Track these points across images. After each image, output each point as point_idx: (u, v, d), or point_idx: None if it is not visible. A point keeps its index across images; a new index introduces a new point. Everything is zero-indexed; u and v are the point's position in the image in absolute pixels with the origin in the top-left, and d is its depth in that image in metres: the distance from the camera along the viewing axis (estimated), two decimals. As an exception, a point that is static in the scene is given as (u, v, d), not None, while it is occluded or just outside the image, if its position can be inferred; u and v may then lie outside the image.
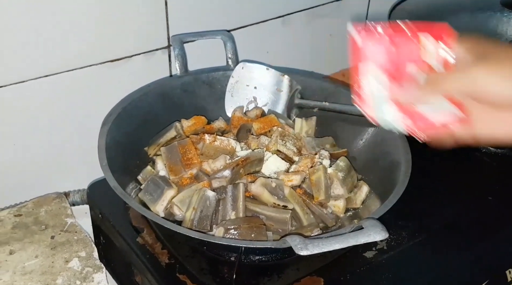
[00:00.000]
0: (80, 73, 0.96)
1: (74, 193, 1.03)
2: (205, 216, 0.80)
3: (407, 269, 0.84)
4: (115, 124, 0.88)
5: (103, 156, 0.82)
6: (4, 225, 0.93)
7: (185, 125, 0.95)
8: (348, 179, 0.87)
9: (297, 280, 0.80)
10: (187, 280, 0.79)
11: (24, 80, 0.91)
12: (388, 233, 0.68)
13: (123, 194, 0.77)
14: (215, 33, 1.05)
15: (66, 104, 0.97)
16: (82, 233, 0.93)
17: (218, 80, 1.04)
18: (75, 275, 0.86)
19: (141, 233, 0.87)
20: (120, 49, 0.99)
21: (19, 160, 0.97)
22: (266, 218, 0.81)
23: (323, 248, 0.66)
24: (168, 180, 0.85)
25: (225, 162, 0.86)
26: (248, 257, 0.81)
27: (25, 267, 0.86)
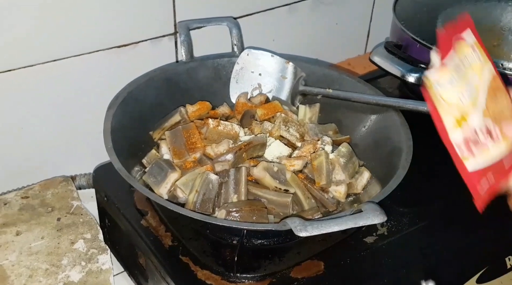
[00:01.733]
0: (87, 58, 0.97)
1: (81, 176, 1.04)
2: (208, 199, 0.81)
3: (407, 254, 0.85)
4: (120, 108, 0.89)
5: (109, 139, 0.83)
6: (11, 206, 0.94)
7: (190, 110, 0.96)
8: (349, 165, 0.88)
9: (298, 264, 0.81)
10: (190, 262, 0.80)
11: (32, 64, 0.92)
12: (387, 217, 0.69)
13: (128, 176, 0.78)
14: (221, 19, 1.06)
15: (73, 88, 0.98)
16: (87, 216, 0.94)
17: (224, 67, 1.04)
18: (80, 256, 0.87)
19: (145, 216, 0.88)
20: (127, 35, 1.00)
21: (27, 144, 0.99)
22: (268, 201, 0.82)
23: (322, 230, 0.67)
24: (172, 163, 0.86)
25: (228, 146, 0.87)
26: (250, 241, 0.82)
27: (31, 247, 0.88)
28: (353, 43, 1.38)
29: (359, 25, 1.36)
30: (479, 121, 0.50)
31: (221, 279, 0.78)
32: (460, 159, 0.50)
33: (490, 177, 0.51)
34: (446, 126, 0.50)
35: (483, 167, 0.50)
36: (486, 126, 0.50)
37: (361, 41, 1.39)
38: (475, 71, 0.51)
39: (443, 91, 0.50)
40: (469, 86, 0.50)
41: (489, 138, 0.50)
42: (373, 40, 1.38)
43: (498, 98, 0.51)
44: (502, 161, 0.51)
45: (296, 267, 0.81)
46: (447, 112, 0.50)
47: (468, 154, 0.50)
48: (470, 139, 0.50)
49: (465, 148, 0.50)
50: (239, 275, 0.78)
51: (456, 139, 0.50)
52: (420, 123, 0.90)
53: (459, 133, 0.50)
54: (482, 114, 0.50)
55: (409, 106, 0.87)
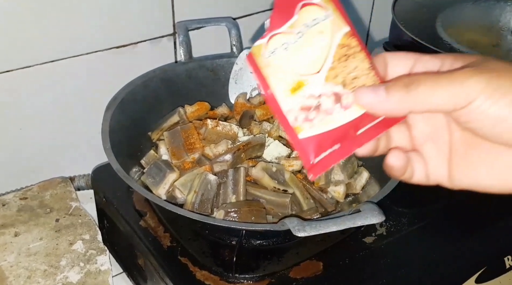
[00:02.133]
0: (86, 59, 0.97)
1: (79, 177, 1.04)
2: (206, 199, 0.81)
3: (406, 254, 0.85)
4: (119, 108, 0.89)
5: (107, 140, 0.83)
6: (9, 207, 0.94)
7: (189, 111, 0.96)
8: (348, 165, 0.88)
9: (296, 264, 0.81)
10: (189, 263, 0.80)
11: (30, 65, 0.92)
12: (385, 217, 0.69)
13: (126, 177, 0.78)
14: (220, 20, 1.05)
15: (72, 89, 0.98)
16: (86, 217, 0.94)
17: (222, 67, 1.04)
18: (79, 257, 0.87)
19: (144, 217, 0.88)
20: (126, 35, 0.99)
21: (25, 145, 0.98)
22: (266, 201, 0.82)
23: (320, 230, 0.66)
24: (170, 164, 0.86)
25: (227, 146, 0.87)
26: (249, 241, 0.82)
27: (30, 248, 0.88)
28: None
29: (358, 26, 1.35)
30: (322, 87, 0.46)
31: (220, 279, 0.78)
32: (290, 126, 0.46)
33: (331, 144, 0.46)
34: (277, 95, 0.46)
35: (320, 133, 0.46)
36: (334, 92, 0.46)
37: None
38: (324, 34, 0.47)
39: (274, 58, 0.46)
40: (311, 51, 0.46)
41: (337, 104, 0.46)
42: (373, 40, 1.38)
43: (352, 62, 0.46)
44: (354, 127, 0.46)
45: (295, 268, 0.80)
46: (279, 80, 0.46)
47: (303, 122, 0.46)
48: (308, 106, 0.46)
49: (301, 116, 0.46)
50: (238, 275, 0.78)
51: (289, 107, 0.46)
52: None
53: (293, 100, 0.46)
54: (326, 79, 0.46)
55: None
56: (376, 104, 0.44)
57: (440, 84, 0.41)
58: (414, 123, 0.49)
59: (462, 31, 1.04)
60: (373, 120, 0.46)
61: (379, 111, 0.45)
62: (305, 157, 0.46)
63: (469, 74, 0.41)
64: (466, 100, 0.41)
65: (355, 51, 0.47)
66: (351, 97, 0.46)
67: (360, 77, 0.46)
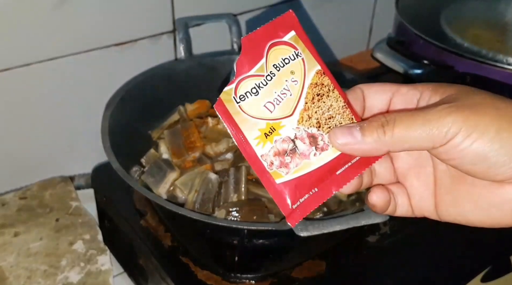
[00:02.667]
0: (85, 56, 0.96)
1: (79, 176, 1.04)
2: (207, 199, 0.80)
3: (410, 253, 0.84)
4: (119, 107, 0.88)
5: (106, 138, 0.82)
6: (9, 207, 0.93)
7: (189, 109, 0.95)
8: (351, 163, 0.87)
9: (299, 264, 0.80)
10: (190, 262, 0.80)
11: (29, 63, 0.91)
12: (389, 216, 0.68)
13: (126, 176, 0.77)
14: (220, 16, 1.04)
15: (71, 87, 0.97)
16: (86, 216, 0.93)
17: (223, 65, 1.03)
18: (79, 257, 0.87)
19: (145, 216, 0.87)
20: (125, 33, 0.98)
21: (25, 143, 0.98)
22: (268, 200, 0.81)
23: (323, 229, 0.66)
24: (171, 163, 0.85)
25: (228, 145, 0.86)
26: (251, 240, 0.81)
27: (30, 249, 0.87)
28: (355, 40, 1.37)
29: (361, 21, 1.35)
30: (296, 129, 0.45)
31: (221, 279, 0.78)
32: (266, 172, 0.45)
33: (310, 187, 0.45)
34: (250, 141, 0.45)
35: (297, 177, 0.45)
36: (309, 134, 0.45)
37: (363, 37, 1.38)
38: (296, 74, 0.46)
39: (244, 104, 0.45)
40: (282, 93, 0.45)
41: (313, 147, 0.45)
42: (376, 36, 1.37)
43: (326, 101, 0.46)
44: (332, 168, 0.45)
45: (298, 267, 0.80)
46: (251, 126, 0.45)
47: (279, 168, 0.45)
48: (283, 151, 0.45)
49: (276, 161, 0.45)
50: (239, 275, 0.78)
51: (263, 152, 0.45)
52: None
53: (267, 147, 0.45)
54: (300, 121, 0.45)
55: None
56: (352, 146, 0.43)
57: (416, 123, 0.41)
58: (398, 155, 0.48)
59: (466, 27, 1.03)
60: (351, 160, 0.46)
61: (355, 152, 0.44)
62: (283, 203, 0.45)
63: (446, 113, 0.40)
64: (444, 139, 0.40)
65: (329, 90, 0.46)
66: (327, 138, 0.45)
67: (335, 117, 0.46)
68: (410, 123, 0.41)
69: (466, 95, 0.42)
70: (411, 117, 0.41)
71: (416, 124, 0.41)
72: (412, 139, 0.41)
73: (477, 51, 0.96)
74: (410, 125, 0.41)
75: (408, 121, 0.41)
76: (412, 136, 0.41)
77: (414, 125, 0.41)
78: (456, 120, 0.40)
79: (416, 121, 0.41)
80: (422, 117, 0.41)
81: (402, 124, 0.41)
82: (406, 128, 0.41)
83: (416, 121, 0.41)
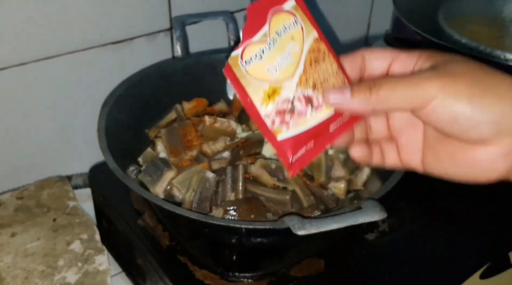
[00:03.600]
0: (82, 55, 0.95)
1: (77, 176, 1.03)
2: (205, 198, 0.79)
3: (409, 251, 0.84)
4: (115, 106, 0.88)
5: (103, 138, 0.81)
6: (6, 207, 0.93)
7: (186, 108, 0.94)
8: (349, 161, 0.87)
9: (298, 262, 0.80)
10: (188, 262, 0.79)
11: (25, 62, 0.91)
12: (387, 213, 0.68)
13: (123, 176, 0.77)
14: (217, 14, 1.04)
15: (68, 86, 0.97)
16: (84, 216, 0.93)
17: (220, 62, 1.02)
18: (77, 257, 0.86)
19: (142, 216, 0.87)
20: (122, 31, 0.98)
21: (21, 143, 0.97)
22: (266, 199, 0.81)
23: (320, 228, 0.65)
24: (168, 162, 0.85)
25: (225, 143, 0.86)
26: (249, 239, 0.81)
27: (27, 249, 0.87)
28: (353, 36, 1.36)
29: (359, 18, 1.35)
30: (295, 91, 0.50)
31: (219, 278, 0.77)
32: (269, 130, 0.50)
33: (306, 142, 0.50)
34: (255, 102, 0.49)
35: (297, 134, 0.50)
36: (305, 95, 0.50)
37: (361, 34, 1.38)
38: (295, 40, 0.50)
39: (250, 68, 0.49)
40: (284, 57, 0.50)
41: (309, 106, 0.50)
42: (373, 33, 1.37)
43: (321, 65, 0.50)
44: (326, 126, 0.51)
45: (296, 266, 0.79)
46: (256, 88, 0.49)
47: (280, 125, 0.50)
48: (283, 110, 0.50)
49: (278, 119, 0.50)
50: (238, 274, 0.77)
51: (267, 112, 0.49)
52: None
53: (270, 107, 0.49)
54: (298, 84, 0.50)
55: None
56: (342, 104, 0.49)
57: (398, 87, 0.46)
58: (393, 115, 0.54)
59: (464, 23, 1.02)
60: (342, 118, 0.51)
61: (345, 110, 0.50)
62: (284, 157, 0.50)
63: (426, 79, 0.45)
64: (422, 103, 0.45)
65: (324, 55, 0.51)
66: (321, 99, 0.50)
67: (329, 79, 0.51)
68: (394, 87, 0.46)
69: (452, 64, 0.46)
70: (395, 82, 0.47)
71: (398, 88, 0.46)
72: (394, 101, 0.47)
73: (475, 47, 0.96)
74: (393, 89, 0.46)
75: (392, 85, 0.46)
76: (394, 99, 0.46)
77: (396, 89, 0.46)
78: (434, 86, 0.45)
79: (398, 85, 0.46)
80: (405, 82, 0.46)
81: (386, 86, 0.46)
82: (390, 91, 0.46)
83: (399, 85, 0.46)
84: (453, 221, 0.88)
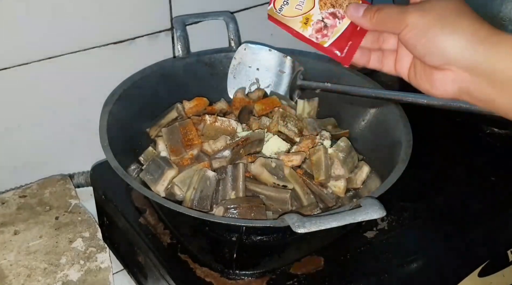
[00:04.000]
0: (84, 55, 0.96)
1: (79, 175, 1.04)
2: (205, 196, 0.80)
3: (408, 249, 0.84)
4: (117, 105, 0.88)
5: (104, 137, 0.82)
6: (9, 206, 0.94)
7: (187, 107, 0.95)
8: (348, 159, 0.87)
9: (297, 260, 0.80)
10: (189, 259, 0.80)
11: (27, 62, 0.91)
12: (386, 212, 0.68)
13: (124, 174, 0.78)
14: (217, 14, 1.05)
15: (70, 86, 0.98)
16: (86, 214, 0.94)
17: (220, 62, 1.04)
18: (79, 255, 0.87)
19: (144, 214, 0.88)
20: (123, 31, 0.99)
21: (24, 142, 0.98)
22: (266, 197, 0.82)
23: (320, 226, 0.66)
24: (169, 161, 0.86)
25: (226, 142, 0.86)
26: (249, 237, 0.81)
27: (30, 247, 0.87)
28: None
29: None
30: (320, 13, 0.68)
31: (220, 276, 0.78)
32: (317, 43, 0.69)
33: (347, 41, 0.68)
34: (298, 31, 0.69)
35: (336, 38, 0.68)
36: (329, 12, 0.68)
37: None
38: None
39: (284, 12, 0.69)
40: None
41: (336, 19, 0.68)
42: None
43: None
44: (354, 27, 0.67)
45: (296, 263, 0.80)
46: (294, 22, 0.69)
47: (322, 38, 0.69)
48: (320, 28, 0.68)
49: (319, 35, 0.69)
50: (238, 272, 0.78)
51: (309, 33, 0.69)
52: (420, 116, 0.90)
53: (309, 30, 0.69)
54: (321, 7, 0.68)
55: (408, 99, 0.86)
56: (355, 20, 0.66)
57: (389, 15, 0.60)
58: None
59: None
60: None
61: (357, 23, 0.66)
62: (334, 55, 0.69)
63: (408, 12, 0.58)
64: (399, 29, 0.58)
65: None
66: (341, 11, 0.68)
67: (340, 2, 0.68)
68: (387, 15, 0.60)
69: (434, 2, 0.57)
70: (389, 11, 0.60)
71: (389, 16, 0.60)
72: (385, 25, 0.61)
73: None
74: (387, 16, 0.60)
75: (386, 13, 0.60)
76: (385, 23, 0.61)
77: (388, 17, 0.60)
78: (408, 18, 0.57)
79: (390, 14, 0.60)
80: (395, 13, 0.59)
81: (384, 13, 0.61)
82: (384, 17, 0.61)
83: (392, 14, 0.59)
84: (452, 219, 0.89)
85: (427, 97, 0.82)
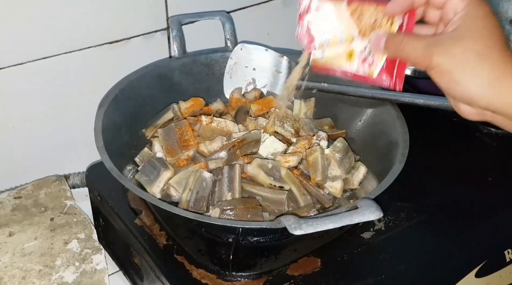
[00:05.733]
0: (79, 55, 0.96)
1: (74, 175, 1.03)
2: (202, 197, 0.80)
3: (405, 249, 0.84)
4: (112, 106, 0.88)
5: (100, 138, 0.82)
6: (3, 207, 0.93)
7: (183, 107, 0.95)
8: (345, 160, 0.87)
9: (294, 261, 0.80)
10: (185, 261, 0.80)
11: (22, 62, 0.91)
12: (383, 213, 0.68)
13: (119, 176, 0.77)
14: (214, 14, 1.04)
15: (65, 86, 0.97)
16: (81, 215, 0.93)
17: (217, 62, 1.03)
18: (74, 257, 0.87)
19: (139, 215, 0.87)
20: (119, 30, 0.98)
21: (19, 143, 0.98)
22: (262, 199, 0.81)
23: (317, 228, 0.66)
24: (165, 162, 0.85)
25: (222, 143, 0.86)
26: (246, 238, 0.81)
27: (25, 248, 0.87)
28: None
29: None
30: (361, 43, 0.65)
31: (216, 277, 0.78)
32: (365, 76, 0.66)
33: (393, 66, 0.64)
34: (345, 68, 0.67)
35: (383, 65, 0.65)
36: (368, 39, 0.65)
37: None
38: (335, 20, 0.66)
39: (326, 55, 0.68)
40: (337, 33, 0.66)
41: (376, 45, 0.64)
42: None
43: (365, 16, 0.64)
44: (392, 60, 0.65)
45: (293, 264, 0.80)
46: (339, 61, 0.67)
47: (369, 68, 0.66)
48: (364, 58, 0.66)
49: (366, 66, 0.66)
50: (234, 273, 0.78)
51: (355, 67, 0.66)
52: (417, 116, 0.90)
53: (354, 63, 0.66)
54: (360, 37, 0.65)
55: (405, 99, 0.86)
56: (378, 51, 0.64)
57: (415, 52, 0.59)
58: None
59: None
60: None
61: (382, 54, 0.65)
62: (385, 83, 0.66)
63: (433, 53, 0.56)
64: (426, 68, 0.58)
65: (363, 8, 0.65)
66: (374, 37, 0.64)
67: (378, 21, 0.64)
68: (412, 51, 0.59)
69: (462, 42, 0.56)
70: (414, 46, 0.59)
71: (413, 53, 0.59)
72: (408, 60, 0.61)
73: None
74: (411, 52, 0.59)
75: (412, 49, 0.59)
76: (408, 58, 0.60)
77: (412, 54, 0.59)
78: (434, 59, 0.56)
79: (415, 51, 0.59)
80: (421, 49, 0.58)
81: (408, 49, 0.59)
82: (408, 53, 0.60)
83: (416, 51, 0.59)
84: (449, 219, 0.89)
85: (424, 97, 0.82)
